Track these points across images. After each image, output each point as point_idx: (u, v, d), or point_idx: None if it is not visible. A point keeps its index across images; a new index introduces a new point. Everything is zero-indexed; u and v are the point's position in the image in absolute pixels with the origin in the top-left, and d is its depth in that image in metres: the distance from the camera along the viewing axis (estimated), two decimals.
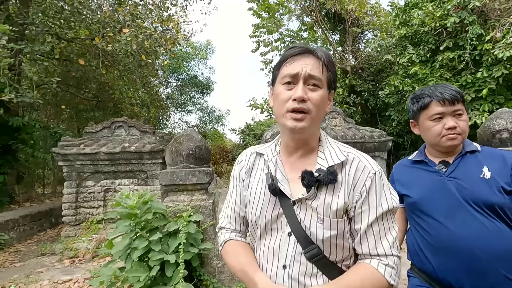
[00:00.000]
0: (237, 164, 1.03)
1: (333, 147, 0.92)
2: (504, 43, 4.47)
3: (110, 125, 5.61)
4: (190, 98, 14.20)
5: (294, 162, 0.92)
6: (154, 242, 2.74)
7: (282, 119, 0.85)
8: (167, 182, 3.29)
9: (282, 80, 0.86)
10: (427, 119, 1.23)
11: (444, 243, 1.14)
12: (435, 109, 1.19)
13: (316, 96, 0.83)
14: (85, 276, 3.72)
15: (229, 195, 1.04)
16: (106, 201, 5.24)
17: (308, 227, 0.84)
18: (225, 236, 1.00)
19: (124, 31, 5.07)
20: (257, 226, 0.91)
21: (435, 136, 1.21)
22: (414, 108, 1.29)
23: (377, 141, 5.43)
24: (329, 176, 0.83)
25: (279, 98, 0.86)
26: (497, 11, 4.85)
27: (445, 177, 1.21)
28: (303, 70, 0.83)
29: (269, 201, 0.89)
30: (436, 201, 1.18)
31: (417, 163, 1.33)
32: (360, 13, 7.04)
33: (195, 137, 3.45)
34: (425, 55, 5.95)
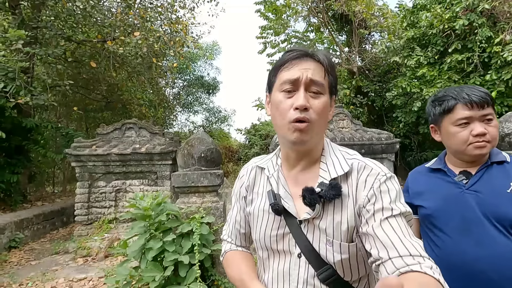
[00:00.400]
0: (238, 180, 0.97)
1: (337, 156, 0.82)
2: None
3: (121, 126, 5.72)
4: (197, 99, 14.33)
5: (296, 175, 0.84)
6: (168, 243, 2.83)
7: (284, 130, 0.77)
8: (179, 184, 3.36)
9: (281, 87, 0.78)
10: (451, 124, 1.07)
11: (455, 262, 1.02)
12: (461, 113, 1.04)
13: (319, 104, 0.75)
14: (99, 275, 3.83)
15: (231, 211, 0.99)
16: (117, 201, 5.35)
17: (317, 249, 0.76)
18: (226, 247, 0.97)
19: (135, 34, 5.17)
20: (263, 247, 0.84)
21: (460, 144, 1.05)
22: (435, 112, 1.13)
23: (384, 143, 5.46)
24: (331, 192, 0.74)
25: (279, 107, 0.77)
26: (506, 14, 4.84)
27: (465, 190, 1.07)
28: (303, 75, 0.75)
29: (274, 220, 0.82)
30: (452, 215, 1.06)
31: (434, 171, 1.19)
32: (368, 15, 7.05)
33: (206, 140, 3.52)
34: (433, 57, 5.95)
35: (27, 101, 4.74)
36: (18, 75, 4.83)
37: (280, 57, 0.82)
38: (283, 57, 0.81)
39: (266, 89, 0.88)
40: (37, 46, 5.25)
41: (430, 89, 5.72)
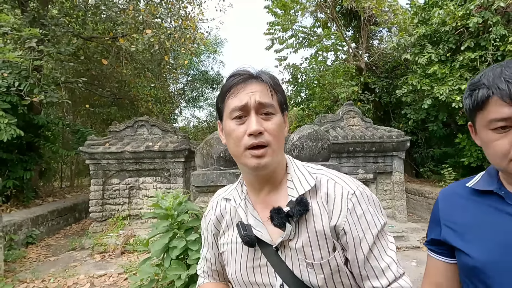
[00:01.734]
0: (205, 217, 0.91)
1: (301, 172, 0.80)
2: None
3: (133, 124, 5.76)
4: (201, 94, 14.33)
5: (264, 199, 0.80)
6: (191, 242, 2.88)
7: (242, 158, 0.74)
8: (199, 183, 3.42)
9: (231, 115, 0.75)
10: (485, 127, 0.71)
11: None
12: (496, 110, 0.67)
13: (272, 125, 0.73)
14: (118, 271, 3.91)
15: (202, 247, 0.94)
16: (131, 198, 5.42)
17: (299, 274, 0.73)
18: (199, 281, 0.95)
19: (147, 32, 5.17)
20: (241, 284, 0.79)
21: (498, 158, 0.70)
22: (466, 106, 0.77)
23: (395, 141, 5.49)
24: (297, 207, 0.71)
25: (232, 135, 0.75)
26: None
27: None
28: (251, 99, 0.72)
29: (248, 252, 0.77)
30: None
31: (483, 195, 0.77)
32: (378, 11, 7.00)
33: None
34: (444, 55, 5.93)
35: (41, 99, 4.76)
36: (32, 73, 4.85)
37: (224, 83, 0.79)
38: (227, 82, 0.77)
39: (217, 117, 0.85)
40: (49, 44, 5.26)
41: (441, 87, 5.72)
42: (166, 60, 5.71)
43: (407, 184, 7.80)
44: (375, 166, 5.66)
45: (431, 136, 8.70)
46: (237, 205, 0.81)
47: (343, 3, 7.74)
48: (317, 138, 3.62)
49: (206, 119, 15.38)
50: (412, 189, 7.33)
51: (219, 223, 0.86)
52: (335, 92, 8.16)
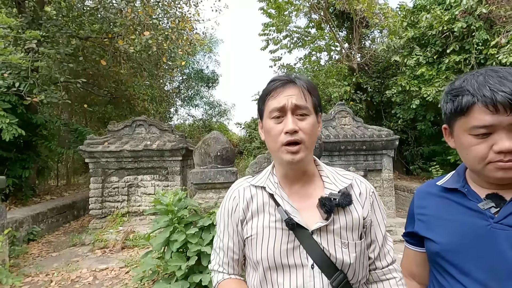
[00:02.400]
0: (229, 202, 0.94)
1: (331, 170, 0.94)
2: (509, 49, 4.73)
3: (131, 123, 5.90)
4: (197, 92, 14.44)
5: (298, 191, 0.90)
6: (191, 236, 3.07)
7: (278, 153, 0.85)
8: (197, 181, 3.60)
9: (270, 115, 0.86)
10: (465, 132, 0.75)
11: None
12: (479, 118, 0.71)
13: (306, 125, 0.84)
14: (119, 265, 4.08)
15: (218, 238, 0.96)
16: (130, 196, 5.57)
17: (334, 254, 0.81)
18: (218, 277, 0.95)
19: (145, 33, 5.30)
20: (271, 265, 0.83)
21: (475, 161, 0.75)
22: (447, 110, 0.81)
23: (385, 140, 5.73)
24: (346, 199, 0.84)
25: (271, 133, 0.85)
26: (503, 18, 5.07)
27: (494, 223, 0.76)
28: (289, 102, 0.83)
29: (282, 236, 0.83)
30: (473, 260, 0.77)
31: (450, 192, 0.87)
32: (369, 14, 7.23)
33: (221, 140, 3.75)
34: (431, 57, 6.19)
35: (41, 99, 4.88)
36: (31, 74, 4.96)
37: (265, 87, 0.89)
38: (268, 86, 0.88)
39: (258, 116, 0.96)
40: (48, 45, 5.36)
41: (428, 88, 5.98)
42: (164, 61, 5.85)
43: (397, 181, 8.09)
44: (366, 164, 5.90)
45: (420, 134, 8.99)
46: (274, 192, 0.88)
47: (336, 5, 7.95)
48: None
49: (202, 118, 15.53)
50: (402, 186, 7.61)
51: (247, 208, 0.90)
52: (328, 92, 8.39)
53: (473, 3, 5.01)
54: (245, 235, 0.90)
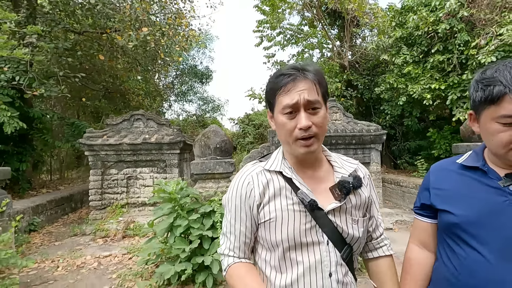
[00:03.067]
0: (242, 187, 0.94)
1: (336, 156, 1.03)
2: (487, 50, 5.08)
3: (130, 117, 6.05)
4: (191, 88, 14.54)
5: (312, 175, 0.96)
6: (193, 221, 3.31)
7: (293, 146, 0.89)
8: (198, 171, 3.83)
9: (282, 111, 0.87)
10: (493, 120, 0.82)
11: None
12: (507, 108, 0.78)
13: (319, 119, 0.86)
14: (122, 252, 4.28)
15: (228, 223, 0.97)
16: (129, 188, 5.74)
17: (345, 230, 0.90)
18: (228, 261, 0.96)
19: (143, 29, 5.43)
20: (291, 244, 0.88)
21: (500, 147, 0.83)
22: (476, 97, 0.87)
23: (373, 135, 6.06)
24: (360, 181, 0.94)
25: (284, 128, 0.88)
26: (482, 21, 5.42)
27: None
28: (301, 98, 0.84)
29: (300, 217, 0.88)
30: (491, 230, 0.84)
31: (470, 170, 0.94)
32: (360, 13, 7.51)
33: (220, 133, 3.98)
34: (418, 56, 6.53)
35: (41, 92, 4.99)
36: (30, 68, 5.05)
37: (275, 79, 0.89)
38: (278, 81, 0.88)
39: (267, 107, 0.97)
40: (46, 39, 5.44)
41: (414, 86, 6.32)
42: (161, 57, 5.98)
43: (385, 174, 8.46)
44: (355, 157, 6.22)
45: (407, 130, 9.38)
46: (291, 176, 0.91)
47: (328, 4, 8.19)
48: None
49: (195, 113, 15.63)
50: (389, 179, 7.98)
51: (264, 193, 0.92)
52: None
53: (455, 6, 5.34)
54: (262, 219, 0.91)
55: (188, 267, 3.10)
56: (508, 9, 5.21)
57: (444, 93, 6.01)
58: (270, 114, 0.97)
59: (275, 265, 0.91)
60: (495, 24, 5.19)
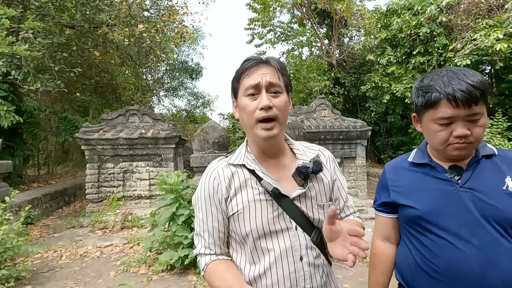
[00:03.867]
0: (208, 183, 0.95)
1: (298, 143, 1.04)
2: (463, 53, 5.52)
3: (125, 112, 6.17)
4: (182, 84, 14.57)
5: (274, 164, 0.97)
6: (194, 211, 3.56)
7: (253, 129, 0.89)
8: (197, 164, 4.06)
9: (245, 92, 0.89)
10: (432, 121, 0.95)
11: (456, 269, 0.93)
12: (443, 111, 0.91)
13: (280, 102, 0.88)
14: (123, 242, 4.47)
15: (201, 222, 0.96)
16: (125, 181, 5.89)
17: (312, 215, 0.93)
18: (206, 260, 0.95)
19: (139, 26, 5.52)
20: (260, 234, 0.90)
21: (439, 144, 0.96)
22: (417, 103, 1.00)
23: (359, 131, 6.44)
24: (319, 166, 0.95)
25: (246, 110, 0.89)
26: (459, 26, 5.86)
27: (459, 188, 0.96)
28: (263, 79, 0.87)
29: (267, 205, 0.90)
30: (448, 217, 0.95)
31: (419, 166, 1.06)
32: (348, 14, 7.85)
33: (218, 128, 4.22)
34: (401, 57, 6.94)
35: (38, 87, 5.05)
36: (25, 63, 5.09)
37: (240, 66, 0.93)
38: (242, 66, 0.92)
39: (232, 96, 0.99)
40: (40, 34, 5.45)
41: (397, 85, 6.74)
42: (158, 53, 6.08)
43: (369, 168, 8.93)
44: (342, 152, 6.60)
45: (391, 126, 9.89)
46: (254, 168, 0.93)
47: (318, 4, 8.48)
48: (294, 127, 4.37)
49: (185, 108, 15.69)
50: (373, 173, 8.45)
51: (230, 186, 0.93)
52: (309, 86, 8.99)
53: (435, 12, 5.75)
54: (230, 212, 0.93)
55: (190, 252, 3.35)
56: (481, 16, 5.67)
57: None
58: (234, 103, 0.98)
59: (247, 257, 0.93)
60: (470, 30, 5.64)
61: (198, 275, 3.34)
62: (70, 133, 7.01)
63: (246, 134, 0.98)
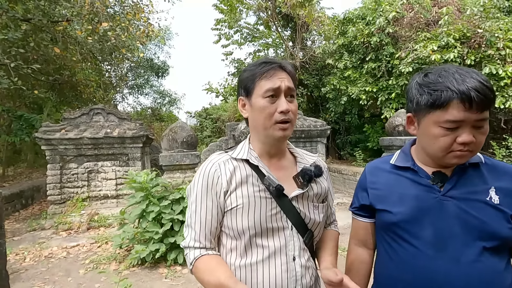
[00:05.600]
0: (208, 175, 0.94)
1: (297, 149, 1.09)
2: (406, 62, 6.27)
3: (89, 111, 6.04)
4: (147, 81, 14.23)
5: (276, 164, 1.00)
6: (164, 207, 3.73)
7: (270, 130, 0.92)
8: (166, 163, 4.22)
9: (264, 94, 0.90)
10: (436, 124, 0.83)
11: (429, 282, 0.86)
12: (453, 113, 0.79)
13: (294, 107, 0.93)
14: (90, 242, 4.48)
15: (193, 213, 0.95)
16: (90, 181, 5.80)
17: (308, 215, 0.96)
18: (195, 253, 0.92)
19: (103, 24, 5.44)
20: (257, 229, 0.90)
21: (440, 150, 0.85)
22: (420, 100, 0.86)
23: (319, 129, 6.98)
24: (320, 171, 1.00)
25: (264, 111, 0.91)
26: (403, 37, 6.63)
27: (441, 196, 0.89)
28: (283, 84, 0.90)
29: (266, 203, 0.92)
30: (425, 225, 0.89)
31: (401, 169, 0.99)
32: (309, 20, 8.37)
33: (186, 128, 4.42)
34: (356, 62, 7.61)
35: None
36: None
37: (256, 67, 0.94)
38: (260, 67, 0.93)
39: (241, 94, 0.99)
40: None
41: (353, 88, 7.39)
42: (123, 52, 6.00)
43: (330, 164, 9.60)
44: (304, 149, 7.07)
45: (349, 125, 10.69)
46: (257, 164, 0.95)
47: (282, 9, 8.90)
48: None
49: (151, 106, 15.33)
50: (333, 168, 9.12)
51: (231, 180, 0.94)
52: None
53: (384, 23, 6.44)
54: (229, 206, 0.93)
55: (161, 246, 3.53)
56: (421, 29, 6.48)
57: (376, 95, 7.18)
58: (242, 102, 0.99)
59: (240, 252, 0.92)
60: (412, 41, 6.42)
61: (169, 267, 3.54)
62: (27, 133, 6.66)
63: (254, 133, 0.99)
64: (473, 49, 5.80)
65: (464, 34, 5.84)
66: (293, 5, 8.38)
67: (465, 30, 5.81)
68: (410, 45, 6.33)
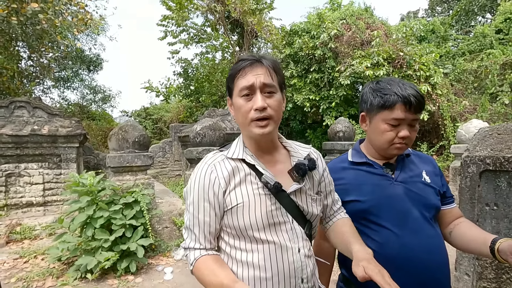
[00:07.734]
0: (205, 176, 0.95)
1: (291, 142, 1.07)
2: (344, 75, 7.03)
3: (8, 105, 5.13)
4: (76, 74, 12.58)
5: (270, 160, 1.00)
6: (114, 212, 3.41)
7: (248, 128, 0.92)
8: (115, 164, 3.88)
9: (240, 93, 0.91)
10: (384, 121, 1.06)
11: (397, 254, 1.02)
12: (397, 113, 1.02)
13: (274, 102, 0.90)
14: (13, 257, 3.79)
15: (191, 216, 0.96)
16: (9, 187, 4.91)
17: (306, 208, 0.98)
18: (195, 254, 0.94)
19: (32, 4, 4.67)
20: (259, 226, 0.91)
21: (385, 143, 1.08)
22: (374, 102, 1.08)
23: None
24: (314, 163, 1.00)
25: (241, 110, 0.91)
26: (342, 53, 7.44)
27: (394, 181, 1.11)
28: (257, 81, 0.88)
29: (266, 200, 0.92)
30: (387, 208, 1.07)
31: (358, 164, 1.18)
32: (258, 28, 8.68)
33: (138, 127, 4.14)
34: (301, 72, 8.19)
35: None
36: None
37: (234, 66, 0.95)
38: (237, 66, 0.93)
39: (227, 94, 1.01)
40: None
41: (298, 95, 7.92)
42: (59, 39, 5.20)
43: None
44: None
45: (291, 130, 11.36)
46: (254, 163, 0.95)
47: (232, 13, 9.02)
48: (215, 129, 4.69)
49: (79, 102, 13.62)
50: None
51: (229, 180, 0.94)
52: (223, 89, 9.42)
53: (326, 39, 7.11)
54: (229, 205, 0.93)
55: (111, 255, 3.22)
56: (357, 48, 7.37)
57: (318, 103, 7.82)
58: (229, 101, 1.00)
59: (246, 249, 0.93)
60: (350, 57, 7.24)
61: (119, 278, 3.25)
62: None
63: (242, 131, 1.01)
64: (397, 69, 6.86)
65: (390, 55, 6.87)
66: (244, 12, 8.58)
67: (391, 52, 6.84)
68: (348, 61, 7.12)
